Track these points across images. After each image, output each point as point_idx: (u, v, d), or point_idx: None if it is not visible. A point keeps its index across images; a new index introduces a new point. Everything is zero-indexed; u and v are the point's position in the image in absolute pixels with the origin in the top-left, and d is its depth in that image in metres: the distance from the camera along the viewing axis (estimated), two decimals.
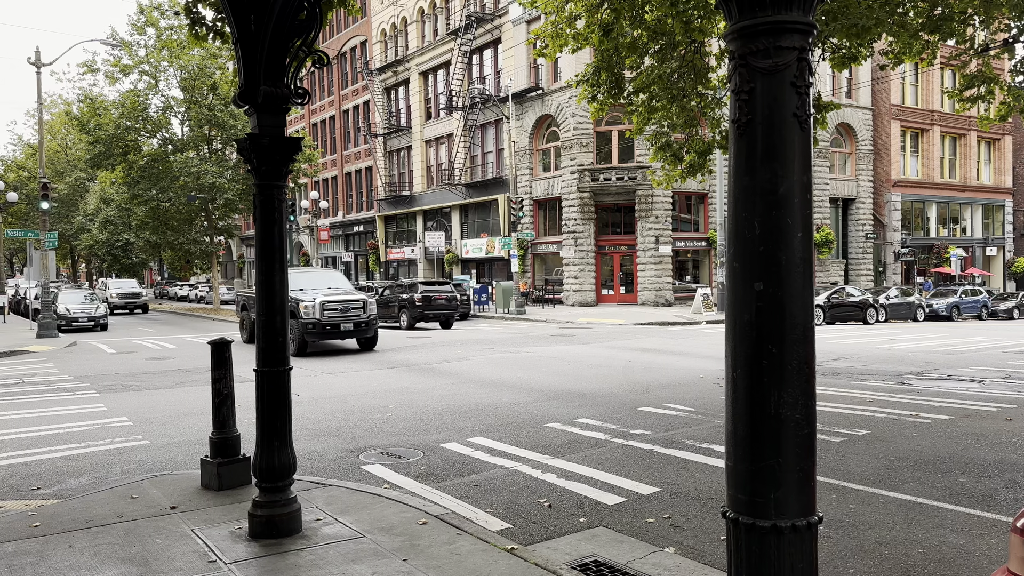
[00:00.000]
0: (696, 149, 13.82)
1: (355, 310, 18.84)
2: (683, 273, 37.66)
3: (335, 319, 18.45)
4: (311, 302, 18.34)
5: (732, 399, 2.51)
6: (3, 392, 13.24)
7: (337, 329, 18.45)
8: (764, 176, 2.36)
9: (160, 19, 36.21)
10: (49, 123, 59.24)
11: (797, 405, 2.45)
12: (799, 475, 2.47)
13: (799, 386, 2.45)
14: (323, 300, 18.44)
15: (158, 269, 69.33)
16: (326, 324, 18.28)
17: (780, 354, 2.41)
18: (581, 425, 9.55)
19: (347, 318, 18.62)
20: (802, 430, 2.47)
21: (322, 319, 18.29)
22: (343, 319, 18.56)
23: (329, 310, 18.40)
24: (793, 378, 2.43)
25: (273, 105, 5.38)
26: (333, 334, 18.50)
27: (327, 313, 18.37)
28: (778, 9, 2.30)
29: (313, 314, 18.20)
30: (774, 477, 2.44)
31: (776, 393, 2.42)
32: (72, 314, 28.85)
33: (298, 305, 18.24)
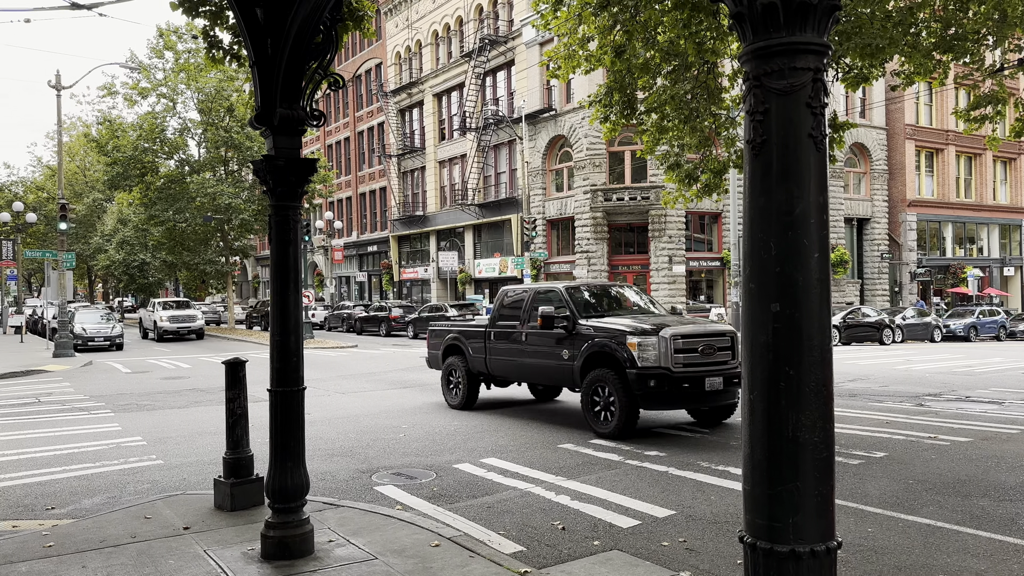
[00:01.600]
0: (710, 169, 13.82)
1: (722, 351, 10.14)
2: (697, 293, 37.51)
3: (696, 369, 9.84)
4: (654, 338, 9.73)
5: (749, 421, 2.49)
6: (19, 411, 13.33)
7: (699, 388, 9.84)
8: (780, 196, 2.35)
9: (178, 42, 36.75)
10: (68, 145, 60.05)
11: (815, 428, 2.42)
12: (818, 499, 2.43)
13: (817, 408, 2.42)
14: (678, 333, 9.84)
15: (174, 289, 69.80)
16: (681, 378, 9.72)
17: (797, 376, 2.38)
18: (595, 446, 9.48)
19: (713, 368, 9.97)
20: (820, 453, 2.44)
21: (673, 369, 9.68)
22: (708, 369, 9.92)
23: (686, 352, 9.81)
24: (811, 400, 2.41)
25: (289, 127, 5.42)
26: (689, 396, 9.95)
27: (682, 358, 9.77)
28: (792, 30, 2.30)
29: (659, 359, 9.65)
30: (792, 501, 2.41)
31: (794, 416, 2.40)
32: (88, 333, 29.07)
33: (623, 343, 9.85)
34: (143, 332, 38.24)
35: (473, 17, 42.09)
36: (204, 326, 36.53)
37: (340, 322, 40.95)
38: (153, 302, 38.72)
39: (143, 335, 37.90)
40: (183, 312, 35.78)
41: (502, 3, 40.39)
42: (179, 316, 35.09)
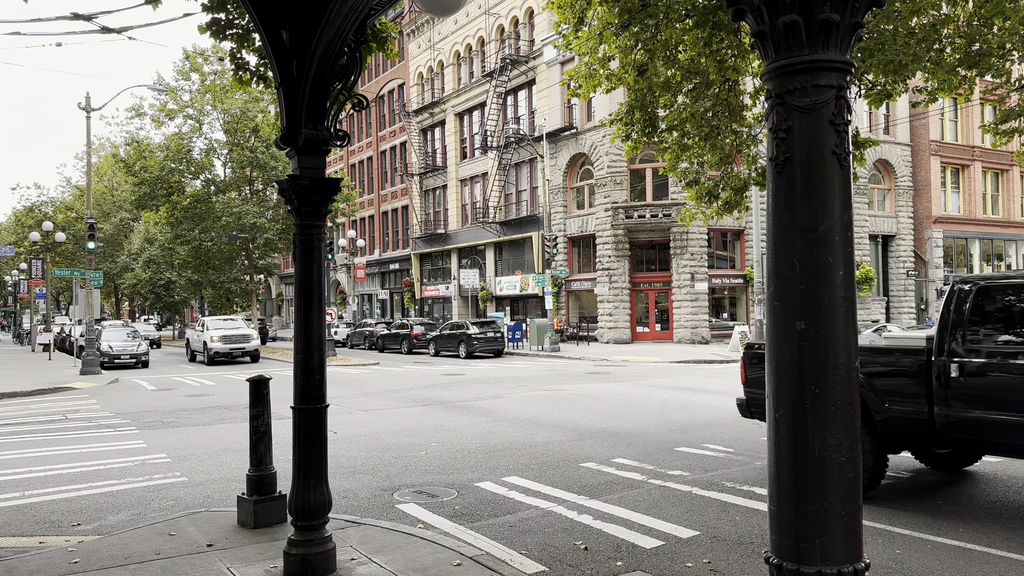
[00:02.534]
0: (732, 186, 13.77)
1: None
2: (720, 310, 37.26)
3: None
4: None
5: (774, 441, 2.46)
6: (47, 428, 13.50)
7: None
8: (804, 214, 2.34)
9: (204, 65, 37.41)
10: (97, 165, 61.16)
11: (842, 448, 2.40)
12: (845, 520, 2.40)
13: (843, 428, 2.40)
14: None
15: (199, 307, 70.57)
16: None
17: (823, 395, 2.36)
18: (617, 465, 9.42)
19: None
20: (847, 473, 2.41)
21: None
22: None
23: None
24: (837, 419, 2.39)
25: (313, 147, 5.49)
26: None
27: None
28: (815, 48, 2.30)
29: None
30: (819, 522, 2.38)
31: (820, 435, 2.37)
32: (115, 351, 29.42)
33: None
34: (190, 354, 33.70)
35: (495, 38, 42.44)
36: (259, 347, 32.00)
37: (362, 340, 41.13)
38: (202, 321, 33.79)
39: (191, 357, 33.51)
40: (235, 331, 31.57)
41: (523, 24, 40.71)
42: (232, 336, 30.99)
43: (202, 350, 31.42)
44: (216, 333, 30.78)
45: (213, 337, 30.58)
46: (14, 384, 21.01)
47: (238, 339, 30.91)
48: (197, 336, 32.69)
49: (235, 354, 30.75)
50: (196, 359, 32.72)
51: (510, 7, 40.95)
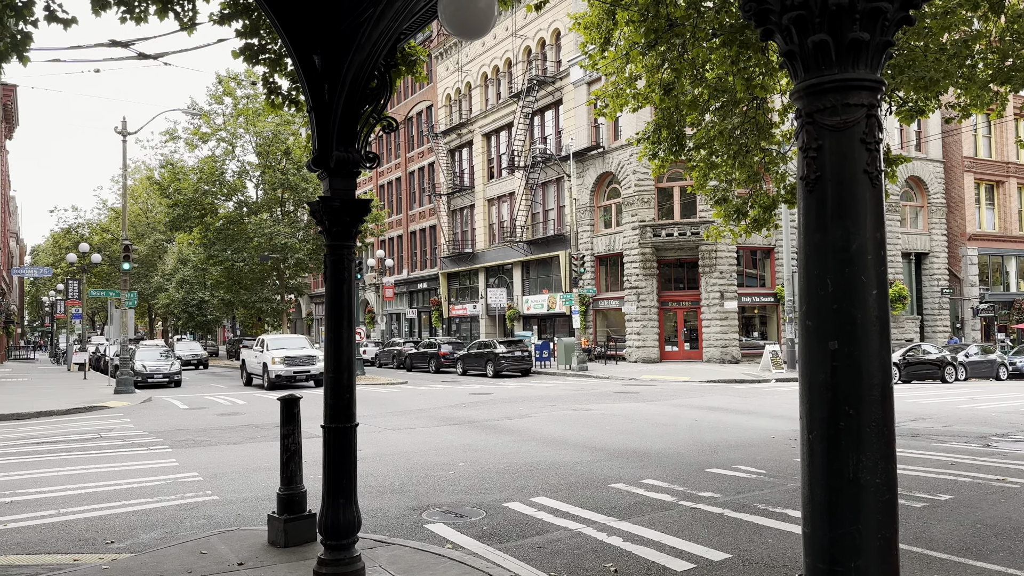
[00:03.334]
0: (760, 204, 13.69)
1: None
2: (750, 329, 36.88)
3: None
4: None
5: (808, 462, 2.43)
6: (82, 447, 13.71)
7: None
8: (836, 233, 2.33)
9: (237, 89, 38.17)
10: (132, 188, 62.46)
11: (877, 469, 2.36)
12: (881, 543, 2.36)
13: (879, 449, 2.36)
14: None
15: (231, 326, 71.44)
16: None
17: (858, 415, 2.33)
18: (647, 486, 9.33)
19: None
20: (883, 495, 2.37)
21: None
22: None
23: None
24: (872, 441, 2.35)
25: (344, 169, 5.57)
26: None
27: None
28: (845, 67, 2.30)
29: None
30: (854, 545, 2.34)
31: (855, 456, 2.34)
32: (148, 370, 29.83)
33: None
34: (246, 377, 30.14)
35: (521, 59, 42.77)
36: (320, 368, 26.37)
37: (390, 358, 41.31)
38: (260, 339, 30.11)
39: (246, 381, 29.92)
40: (299, 351, 27.64)
41: (550, 45, 40.99)
42: (296, 357, 27.00)
43: (260, 372, 28.02)
44: (278, 354, 26.97)
45: (275, 358, 26.85)
46: (50, 403, 21.39)
47: (302, 361, 27.10)
48: (254, 357, 29.16)
49: (298, 378, 26.83)
50: (253, 382, 29.19)
51: (537, 29, 41.28)
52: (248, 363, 30.10)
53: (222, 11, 7.76)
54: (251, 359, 29.65)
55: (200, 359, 44.52)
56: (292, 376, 26.72)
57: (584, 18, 12.22)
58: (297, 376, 26.76)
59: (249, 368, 29.81)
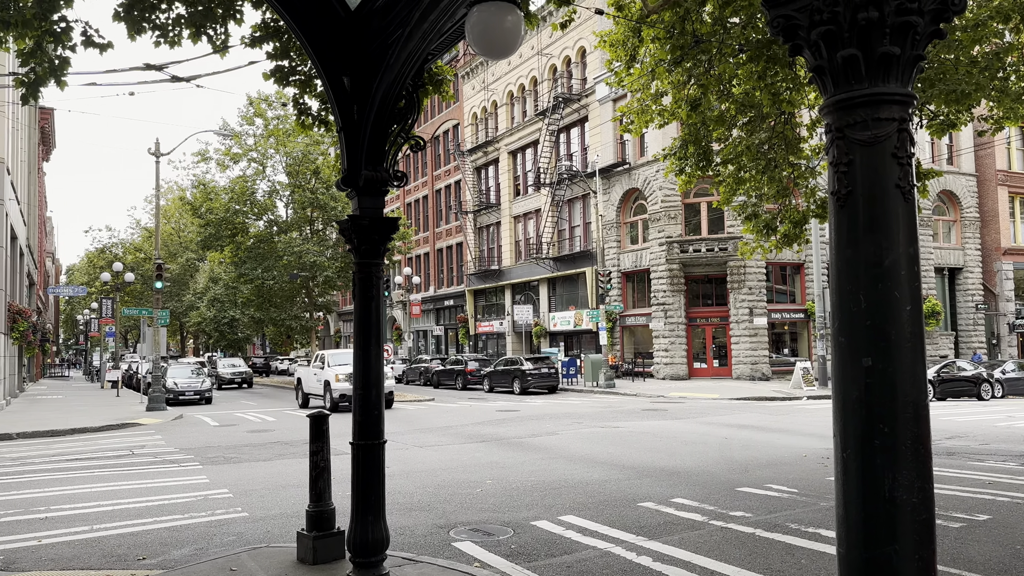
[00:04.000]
0: (790, 219, 13.58)
1: None
2: (780, 346, 36.45)
3: None
4: None
5: (843, 481, 2.39)
6: (115, 463, 13.89)
7: None
8: (868, 248, 2.30)
9: (267, 110, 38.79)
10: (165, 208, 63.59)
11: (913, 488, 2.32)
12: (918, 564, 2.31)
13: (914, 468, 2.32)
14: None
15: (261, 344, 72.19)
16: None
17: (892, 433, 2.30)
18: (676, 505, 9.22)
19: None
20: (919, 515, 2.33)
21: None
22: None
23: None
24: (908, 459, 2.31)
25: (373, 188, 5.63)
26: None
27: None
28: (875, 81, 2.28)
29: None
30: (891, 566, 2.30)
31: (890, 475, 2.30)
32: (179, 388, 30.18)
33: None
34: (302, 398, 26.98)
35: (547, 77, 43.00)
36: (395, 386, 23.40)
37: (417, 375, 41.42)
38: (319, 355, 26.93)
39: (303, 402, 26.72)
40: None
41: (575, 62, 41.18)
42: None
43: (320, 392, 24.92)
44: (342, 370, 23.59)
45: (339, 375, 23.56)
46: (84, 420, 21.72)
47: None
48: (313, 375, 26.11)
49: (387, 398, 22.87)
50: (311, 403, 26.06)
51: (562, 47, 41.50)
52: (305, 382, 26.94)
53: (253, 34, 7.91)
54: (309, 377, 26.59)
55: (245, 377, 41.87)
56: None
57: (610, 36, 12.27)
58: None
59: (306, 387, 26.69)
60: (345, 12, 5.52)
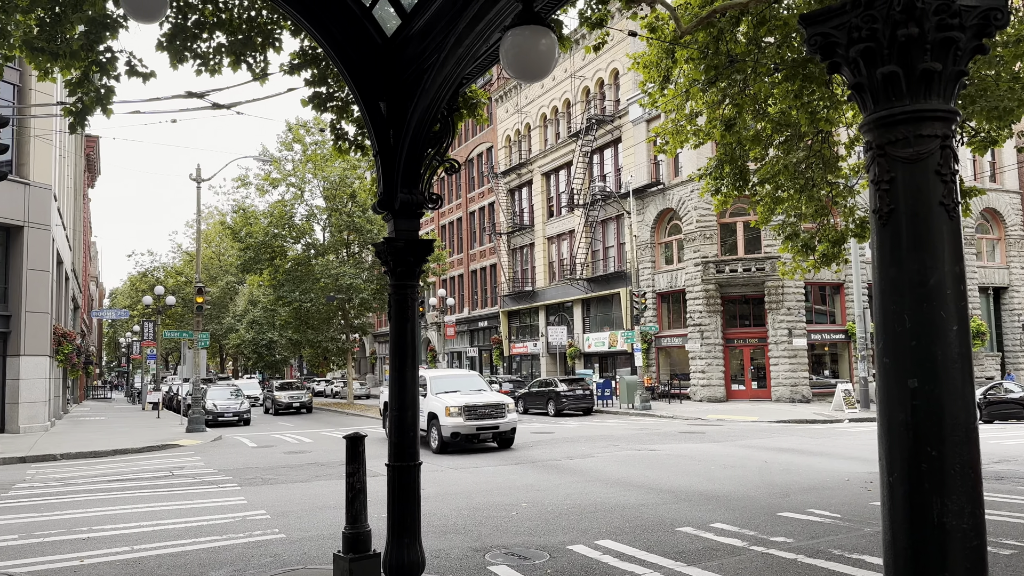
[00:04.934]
0: (829, 239, 13.39)
1: None
2: (820, 367, 35.78)
3: None
4: None
5: (889, 506, 2.33)
6: (155, 484, 14.08)
7: None
8: (912, 267, 2.26)
9: (306, 136, 39.48)
10: (205, 232, 64.83)
11: (963, 513, 2.25)
12: None
13: (964, 492, 2.25)
14: None
15: (298, 366, 72.95)
16: None
17: (941, 457, 2.23)
18: (715, 530, 9.06)
19: None
20: (970, 541, 2.26)
21: None
22: None
23: None
24: (957, 483, 2.25)
25: (409, 211, 5.69)
26: None
27: None
28: (916, 98, 2.25)
29: None
30: None
31: (939, 500, 2.24)
32: (218, 409, 30.56)
33: None
34: None
35: (580, 99, 43.17)
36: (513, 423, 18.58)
37: None
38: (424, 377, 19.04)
39: None
40: (478, 395, 18.82)
41: (608, 84, 41.29)
42: (478, 406, 17.99)
43: (423, 427, 18.31)
44: (454, 401, 18.15)
45: (450, 407, 17.91)
46: (126, 441, 22.10)
47: (488, 411, 18.05)
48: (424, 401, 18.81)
49: (483, 437, 18.08)
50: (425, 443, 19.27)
51: (595, 69, 41.67)
52: None
53: (292, 61, 8.08)
54: None
55: (304, 403, 37.93)
56: (474, 434, 17.77)
57: (643, 57, 12.30)
58: (482, 434, 17.87)
59: None
60: (381, 38, 5.61)
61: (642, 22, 11.46)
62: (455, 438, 17.93)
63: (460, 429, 17.88)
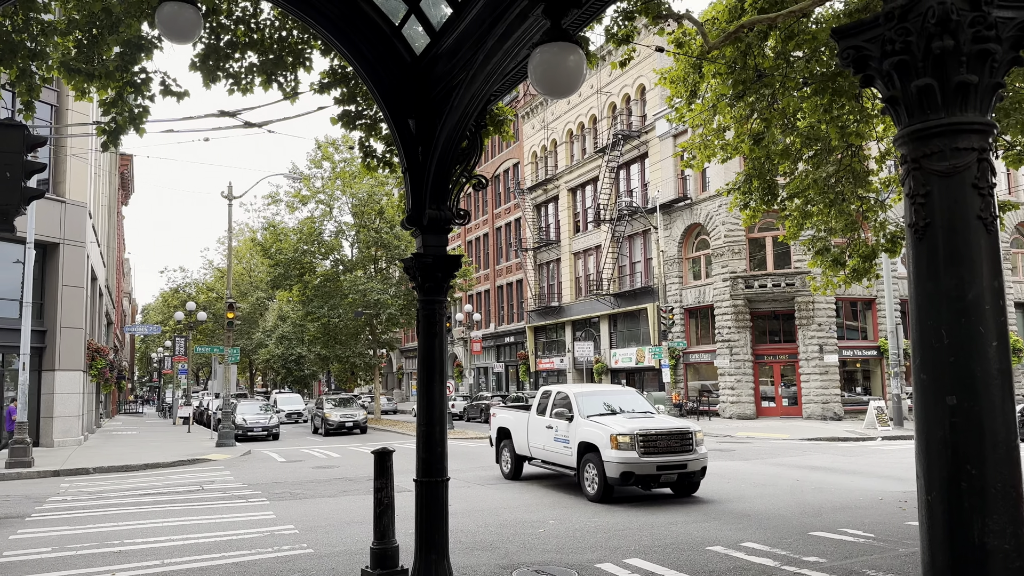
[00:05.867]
0: (859, 253, 13.22)
1: None
2: (852, 384, 35.22)
3: None
4: None
5: (928, 526, 2.28)
6: (185, 498, 14.21)
7: None
8: (949, 282, 2.22)
9: (335, 153, 39.93)
10: (236, 249, 65.62)
11: (1005, 534, 2.19)
12: None
13: (1006, 512, 2.20)
14: None
15: (326, 381, 73.42)
16: None
17: (981, 476, 2.18)
18: (746, 549, 8.92)
19: None
20: (1012, 562, 2.20)
21: None
22: None
23: None
24: (998, 503, 2.19)
25: (437, 227, 5.72)
26: None
27: None
28: (952, 111, 2.23)
29: None
30: None
31: (979, 520, 2.18)
32: (248, 424, 30.80)
33: None
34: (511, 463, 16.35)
35: (606, 115, 43.22)
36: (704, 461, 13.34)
37: (478, 412, 41.38)
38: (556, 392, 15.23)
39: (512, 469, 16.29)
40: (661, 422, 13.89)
41: (635, 100, 41.30)
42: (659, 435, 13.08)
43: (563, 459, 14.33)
44: (622, 427, 13.15)
45: (620, 436, 12.82)
46: (157, 455, 22.36)
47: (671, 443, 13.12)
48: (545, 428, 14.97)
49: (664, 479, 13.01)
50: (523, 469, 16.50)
51: (621, 85, 41.72)
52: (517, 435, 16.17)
53: (322, 80, 8.20)
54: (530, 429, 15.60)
55: (357, 422, 33.20)
56: (654, 475, 12.80)
57: (670, 72, 12.29)
58: (663, 475, 12.87)
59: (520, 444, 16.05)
60: (410, 57, 5.67)
61: (669, 37, 11.46)
62: (626, 480, 12.59)
63: (634, 467, 12.57)
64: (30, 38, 7.43)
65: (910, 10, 2.22)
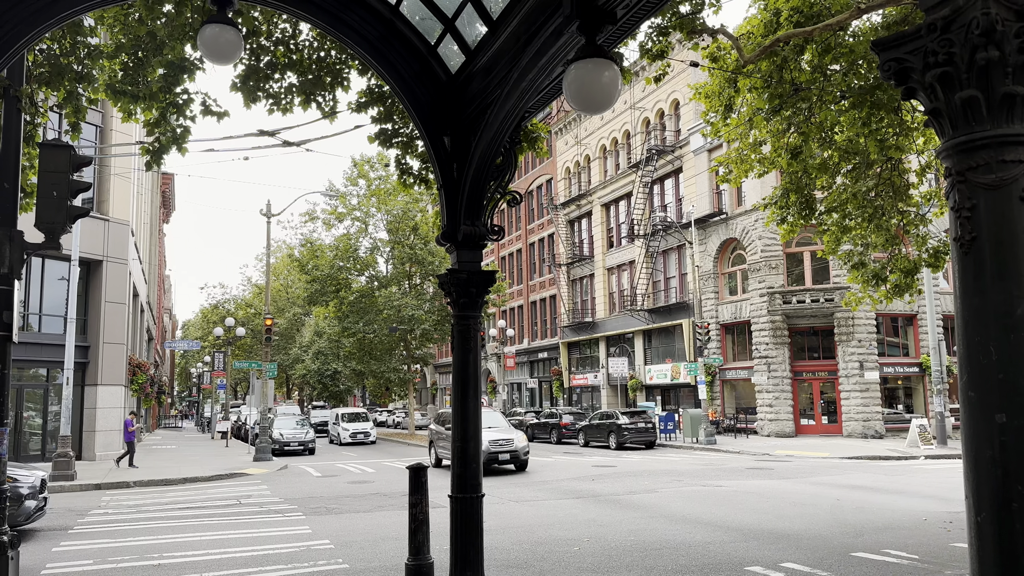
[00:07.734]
0: (900, 268, 12.98)
1: None
2: (893, 402, 34.46)
3: None
4: None
5: (977, 548, 2.22)
6: (223, 512, 14.37)
7: None
8: (997, 297, 2.16)
9: (370, 171, 40.41)
10: (274, 266, 66.49)
11: None
12: None
13: None
14: None
15: (361, 396, 73.89)
16: None
17: None
18: (786, 570, 8.74)
19: None
20: None
21: None
22: None
23: None
24: None
25: (471, 242, 5.75)
26: None
27: None
28: (998, 123, 2.18)
29: None
30: None
31: None
32: (285, 439, 31.11)
33: None
34: None
35: (640, 130, 43.14)
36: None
37: None
38: None
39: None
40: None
41: (668, 115, 41.19)
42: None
43: None
44: None
45: None
46: (195, 470, 22.66)
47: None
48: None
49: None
50: None
51: (655, 100, 41.64)
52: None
53: (359, 100, 8.31)
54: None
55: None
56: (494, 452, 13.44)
57: (705, 87, 12.23)
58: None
59: None
60: (446, 75, 5.73)
61: (703, 52, 11.43)
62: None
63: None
64: (77, 61, 7.66)
65: (953, 21, 2.19)
